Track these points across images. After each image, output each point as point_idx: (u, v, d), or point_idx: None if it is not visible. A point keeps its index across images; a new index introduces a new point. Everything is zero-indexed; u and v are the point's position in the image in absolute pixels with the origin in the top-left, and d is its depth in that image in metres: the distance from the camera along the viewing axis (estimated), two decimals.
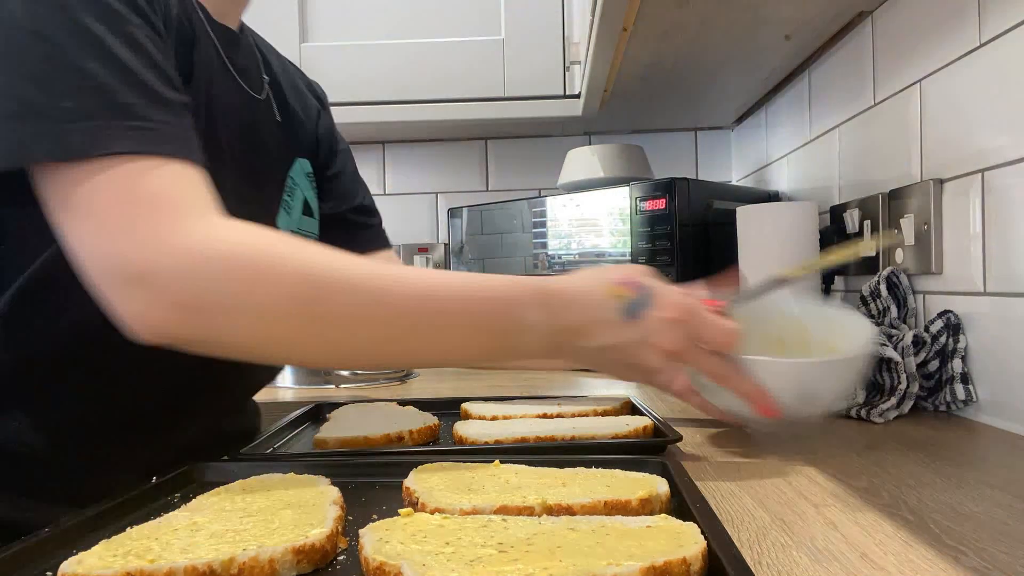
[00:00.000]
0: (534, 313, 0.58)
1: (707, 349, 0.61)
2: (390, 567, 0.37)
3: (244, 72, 0.76)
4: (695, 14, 1.02)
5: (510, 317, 0.58)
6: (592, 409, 0.79)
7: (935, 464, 0.62)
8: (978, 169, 0.78)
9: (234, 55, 0.75)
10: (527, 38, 1.42)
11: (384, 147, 1.82)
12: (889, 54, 0.97)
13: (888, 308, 0.90)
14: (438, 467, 0.55)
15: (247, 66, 0.77)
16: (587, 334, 0.60)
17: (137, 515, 0.50)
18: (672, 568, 0.36)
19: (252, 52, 0.80)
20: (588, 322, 0.60)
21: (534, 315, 0.58)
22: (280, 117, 0.81)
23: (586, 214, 1.33)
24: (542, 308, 0.59)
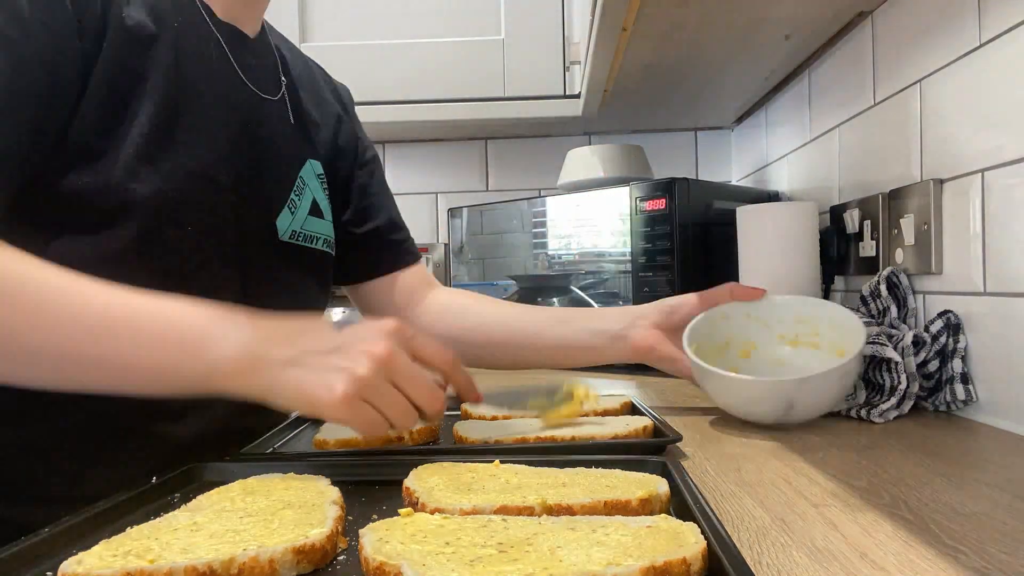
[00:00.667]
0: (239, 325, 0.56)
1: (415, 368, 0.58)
2: (390, 567, 0.37)
3: (252, 72, 0.77)
4: (695, 14, 1.02)
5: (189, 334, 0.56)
6: (593, 409, 0.79)
7: (935, 464, 0.62)
8: (978, 169, 0.78)
9: (242, 57, 0.76)
10: (527, 38, 1.42)
11: (384, 147, 1.82)
12: (889, 54, 0.97)
13: (888, 308, 0.90)
14: (438, 467, 0.55)
15: (259, 67, 0.78)
16: (288, 339, 0.56)
17: (137, 515, 0.50)
18: (672, 568, 0.36)
19: (268, 53, 0.82)
20: (291, 328, 0.57)
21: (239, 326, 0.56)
22: (294, 119, 0.82)
23: (586, 214, 1.33)
24: (248, 323, 0.57)
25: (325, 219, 0.86)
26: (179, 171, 0.67)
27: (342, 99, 0.96)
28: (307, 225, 0.83)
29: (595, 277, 1.32)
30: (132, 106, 0.65)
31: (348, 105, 0.98)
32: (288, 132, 0.81)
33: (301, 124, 0.84)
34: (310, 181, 0.83)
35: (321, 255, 0.85)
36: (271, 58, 0.82)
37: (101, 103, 0.62)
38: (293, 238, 0.80)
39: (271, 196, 0.78)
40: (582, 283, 1.33)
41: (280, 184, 0.79)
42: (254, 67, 0.77)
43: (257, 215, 0.76)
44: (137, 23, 0.65)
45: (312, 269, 0.85)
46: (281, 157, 0.80)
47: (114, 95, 0.63)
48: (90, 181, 0.62)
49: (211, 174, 0.70)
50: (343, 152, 0.92)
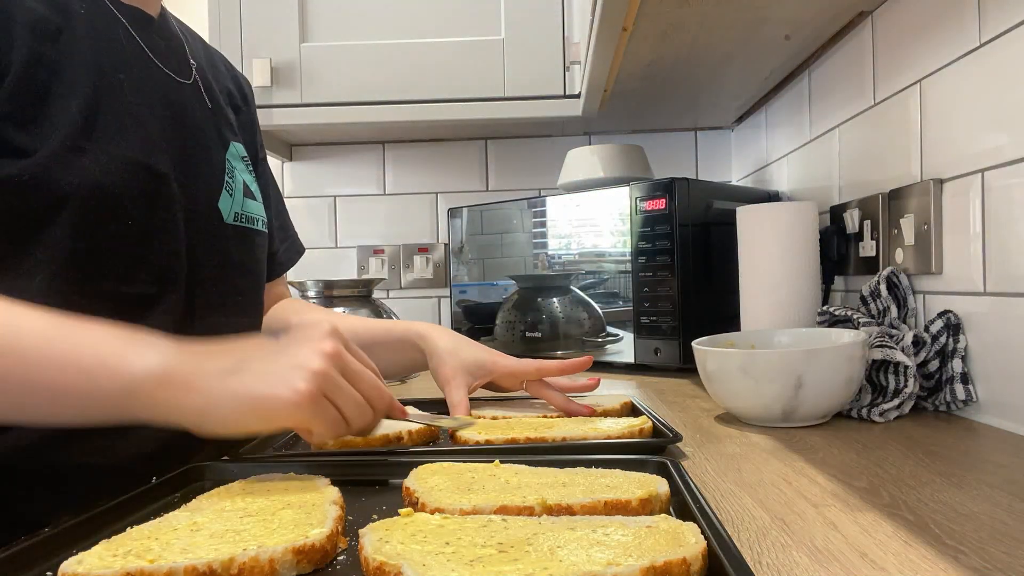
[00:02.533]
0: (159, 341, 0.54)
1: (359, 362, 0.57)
2: (390, 567, 0.37)
3: (164, 55, 0.75)
4: (695, 14, 1.02)
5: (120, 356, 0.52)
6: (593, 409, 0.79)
7: (935, 464, 0.62)
8: (978, 169, 0.78)
9: (150, 40, 0.74)
10: (527, 38, 1.42)
11: (384, 147, 1.82)
12: (889, 54, 0.97)
13: (888, 308, 0.90)
14: (438, 467, 0.55)
15: (168, 49, 0.76)
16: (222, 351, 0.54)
17: (137, 515, 0.50)
18: (672, 568, 0.36)
19: (173, 36, 0.79)
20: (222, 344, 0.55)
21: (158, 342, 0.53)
22: (210, 103, 0.81)
23: (586, 214, 1.33)
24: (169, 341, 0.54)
25: (257, 200, 0.85)
26: (115, 162, 0.64)
27: (242, 89, 0.93)
28: (246, 207, 0.81)
29: (595, 277, 1.32)
30: (52, 98, 0.62)
31: (249, 96, 0.94)
32: (207, 115, 0.79)
33: (217, 107, 0.82)
34: (236, 163, 0.82)
35: (261, 236, 0.85)
36: (177, 40, 0.80)
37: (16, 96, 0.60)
38: (237, 220, 0.79)
39: (208, 180, 0.76)
40: (582, 283, 1.34)
41: (213, 167, 0.77)
42: (163, 50, 0.75)
43: (200, 200, 0.74)
44: (41, 16, 0.63)
45: (255, 250, 0.84)
46: (207, 140, 0.78)
47: (31, 88, 0.61)
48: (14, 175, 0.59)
49: (147, 162, 0.68)
50: (247, 143, 0.89)
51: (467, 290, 1.54)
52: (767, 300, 1.02)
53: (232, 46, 1.42)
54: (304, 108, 1.43)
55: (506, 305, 1.45)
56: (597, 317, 1.31)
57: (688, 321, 1.18)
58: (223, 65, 0.91)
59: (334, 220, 1.82)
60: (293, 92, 1.42)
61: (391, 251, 1.81)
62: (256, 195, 0.85)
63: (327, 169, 1.82)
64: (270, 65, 1.41)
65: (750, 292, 1.05)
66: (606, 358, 1.29)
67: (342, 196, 1.82)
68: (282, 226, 0.98)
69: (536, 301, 1.40)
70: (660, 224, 1.19)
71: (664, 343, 1.20)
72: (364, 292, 1.33)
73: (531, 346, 1.39)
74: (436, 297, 1.82)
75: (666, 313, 1.19)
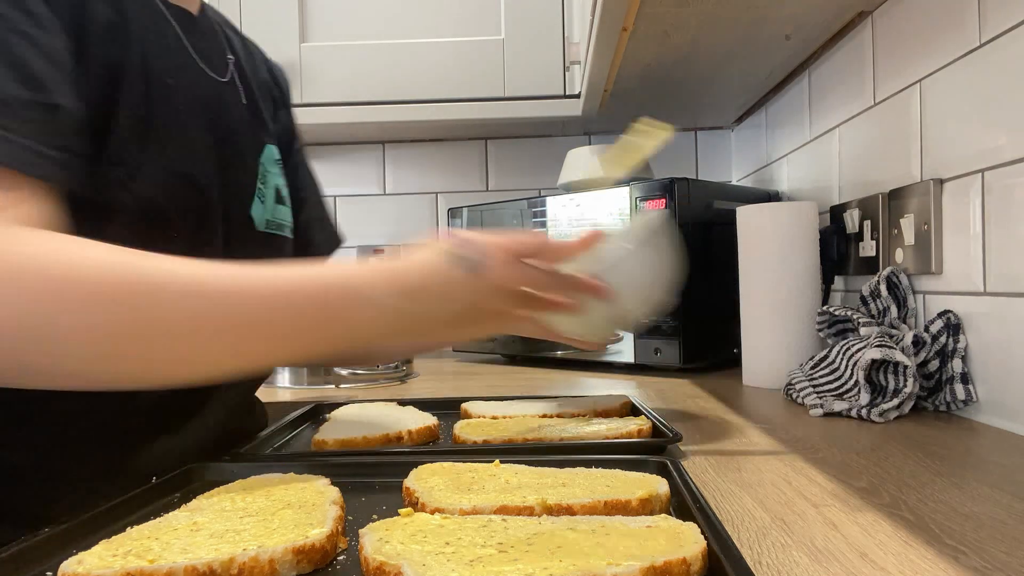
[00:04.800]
0: (388, 297, 0.56)
1: (544, 272, 0.62)
2: (390, 567, 0.37)
3: (206, 55, 0.73)
4: (695, 14, 1.02)
5: (358, 302, 0.55)
6: (592, 409, 0.79)
7: (935, 464, 0.62)
8: (978, 169, 0.78)
9: (195, 39, 0.71)
10: (527, 38, 1.42)
11: (384, 147, 1.82)
12: (889, 54, 0.97)
13: (888, 308, 0.90)
14: (438, 467, 0.55)
15: (209, 49, 0.74)
16: (446, 299, 0.59)
17: (137, 515, 0.50)
18: (672, 568, 0.36)
19: (214, 33, 0.77)
20: (443, 290, 0.58)
21: (388, 299, 0.56)
22: (246, 100, 0.78)
23: (586, 214, 1.33)
24: (393, 290, 0.56)
25: (287, 205, 0.84)
26: (160, 173, 0.63)
27: (278, 81, 0.91)
28: (276, 213, 0.80)
29: None
30: (112, 105, 0.60)
31: (285, 87, 0.92)
32: (244, 116, 0.77)
33: (253, 106, 0.79)
34: (271, 167, 0.80)
35: (289, 242, 0.84)
36: (216, 36, 0.77)
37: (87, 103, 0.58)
38: (269, 227, 0.78)
39: (242, 187, 0.75)
40: None
41: (247, 173, 0.76)
42: (205, 49, 0.73)
43: (235, 209, 0.73)
44: (107, 18, 0.61)
45: (283, 255, 0.82)
46: (243, 144, 0.76)
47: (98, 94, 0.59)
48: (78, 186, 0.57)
49: (191, 173, 0.67)
50: (283, 137, 0.88)
51: None
52: (767, 300, 1.03)
53: None
54: (304, 108, 1.43)
55: None
56: None
57: (688, 321, 1.18)
58: (259, 57, 0.88)
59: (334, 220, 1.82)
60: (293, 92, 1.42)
61: (391, 251, 1.81)
62: (286, 200, 0.83)
63: (327, 169, 1.82)
64: None
65: (750, 292, 1.05)
66: (606, 358, 1.29)
67: (342, 196, 1.82)
68: (321, 218, 0.96)
69: None
70: None
71: (664, 343, 1.20)
72: None
73: (531, 346, 1.39)
74: None
75: (666, 313, 1.19)
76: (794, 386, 0.91)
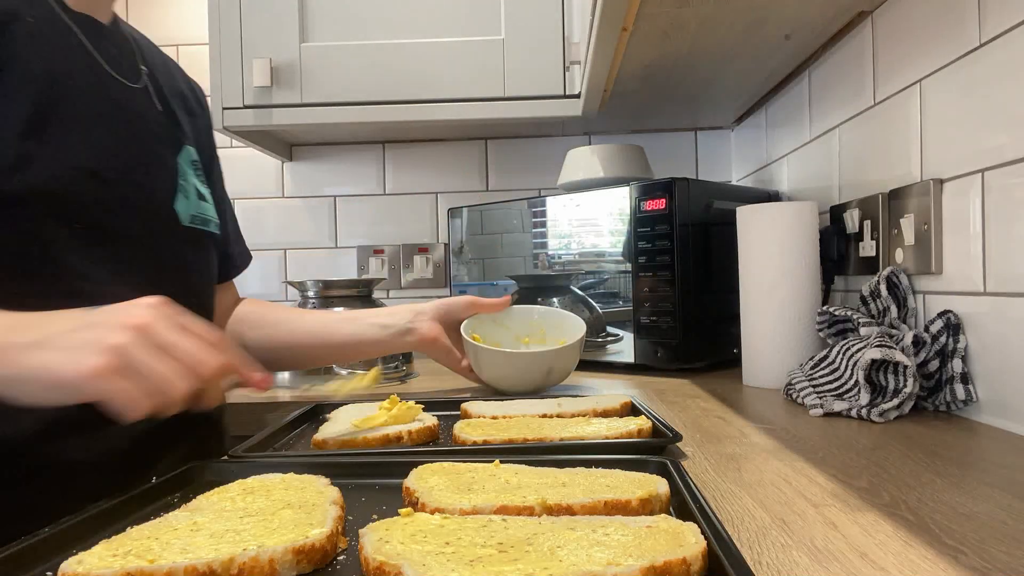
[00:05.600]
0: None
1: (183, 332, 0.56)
2: (390, 567, 0.37)
3: (115, 62, 0.76)
4: (695, 14, 1.02)
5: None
6: (592, 409, 0.79)
7: (935, 464, 0.62)
8: (978, 169, 0.78)
9: (103, 46, 0.75)
10: (527, 38, 1.42)
11: (384, 147, 1.82)
12: (889, 54, 0.97)
13: (888, 308, 0.90)
14: (438, 467, 0.55)
15: (120, 56, 0.77)
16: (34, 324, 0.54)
17: (137, 515, 0.50)
18: (672, 568, 0.36)
19: (124, 40, 0.80)
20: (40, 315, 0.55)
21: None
22: (160, 105, 0.82)
23: (586, 214, 1.33)
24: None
25: (209, 203, 0.86)
26: (59, 167, 0.65)
27: (196, 95, 0.95)
28: (200, 209, 0.83)
29: (595, 277, 1.32)
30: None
31: (203, 100, 0.96)
32: (159, 119, 0.81)
33: (168, 111, 0.83)
34: (187, 167, 0.83)
35: (214, 238, 0.87)
36: (128, 45, 0.81)
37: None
38: (193, 222, 0.81)
39: (163, 183, 0.78)
40: (582, 283, 1.34)
41: (166, 171, 0.79)
42: (115, 56, 0.76)
43: (157, 202, 0.77)
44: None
45: (208, 251, 0.86)
46: (159, 144, 0.79)
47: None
48: None
49: (94, 168, 0.68)
50: (201, 148, 0.91)
51: (467, 290, 1.54)
52: (767, 300, 1.03)
53: (232, 46, 1.42)
54: (304, 108, 1.43)
55: None
56: (597, 317, 1.31)
57: (688, 321, 1.18)
58: (176, 70, 0.93)
59: (334, 220, 1.82)
60: (293, 92, 1.42)
61: (391, 251, 1.81)
62: (207, 198, 0.86)
63: (327, 169, 1.82)
64: (270, 65, 1.41)
65: (750, 292, 1.05)
66: (606, 358, 1.29)
67: (342, 196, 1.82)
68: (236, 230, 1.02)
69: (536, 301, 1.40)
70: (660, 224, 1.19)
71: (664, 343, 1.20)
72: (364, 292, 1.33)
73: None
74: (436, 297, 1.82)
75: (666, 313, 1.19)
76: (794, 386, 0.91)
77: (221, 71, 1.42)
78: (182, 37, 1.82)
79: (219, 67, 1.42)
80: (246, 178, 1.81)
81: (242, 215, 1.81)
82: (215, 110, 1.42)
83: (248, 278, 1.82)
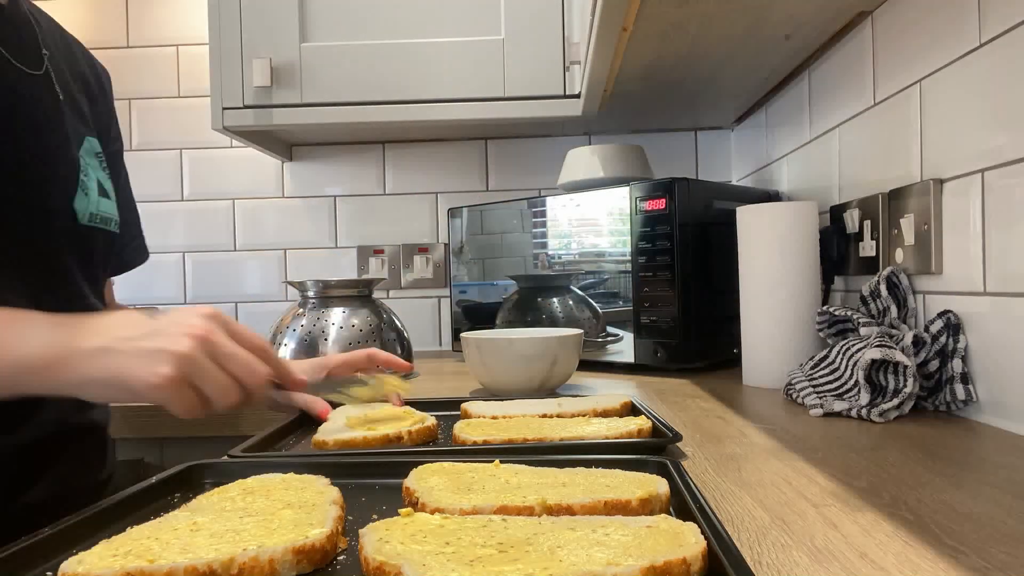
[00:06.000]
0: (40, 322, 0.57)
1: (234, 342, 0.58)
2: (390, 567, 0.37)
3: (10, 45, 0.72)
4: (695, 14, 1.02)
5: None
6: (592, 409, 0.79)
7: (935, 464, 0.62)
8: (978, 169, 0.78)
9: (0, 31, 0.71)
10: (527, 38, 1.42)
11: (384, 147, 1.82)
12: (889, 54, 0.97)
13: (888, 308, 0.90)
14: (438, 467, 0.55)
15: (18, 40, 0.74)
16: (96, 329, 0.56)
17: (137, 515, 0.50)
18: (672, 568, 0.36)
19: (24, 23, 0.77)
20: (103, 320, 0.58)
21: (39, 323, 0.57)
22: (62, 95, 0.78)
23: (586, 214, 1.33)
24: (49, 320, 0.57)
25: (111, 199, 0.83)
26: None
27: (99, 78, 0.90)
28: (101, 207, 0.80)
29: (595, 277, 1.32)
30: None
31: (106, 85, 0.92)
32: (59, 108, 0.77)
33: (70, 99, 0.79)
34: (90, 160, 0.80)
35: (113, 236, 0.84)
36: (29, 28, 0.76)
37: None
38: (92, 221, 0.78)
39: (62, 178, 0.75)
40: (582, 283, 1.34)
41: (67, 165, 0.76)
42: (12, 40, 0.72)
43: (55, 198, 0.74)
44: None
45: (107, 253, 0.84)
46: (58, 135, 0.75)
47: None
48: None
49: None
50: (103, 133, 0.87)
51: (467, 290, 1.54)
52: (767, 300, 1.03)
53: (232, 46, 1.42)
54: (304, 108, 1.43)
55: (506, 305, 1.45)
56: (597, 317, 1.31)
57: (688, 321, 1.18)
58: (80, 52, 0.88)
59: (334, 220, 1.82)
60: (293, 92, 1.42)
61: (391, 251, 1.81)
62: (110, 194, 0.83)
63: (327, 169, 1.82)
64: (270, 65, 1.41)
65: (750, 292, 1.05)
66: (606, 358, 1.29)
67: (342, 196, 1.82)
68: (130, 223, 0.95)
69: (536, 301, 1.40)
70: (660, 224, 1.19)
71: (664, 343, 1.20)
72: (364, 292, 1.33)
73: None
74: (436, 297, 1.82)
75: (666, 313, 1.19)
76: (794, 386, 0.91)
77: (221, 71, 1.42)
78: (182, 37, 1.82)
79: (219, 67, 1.42)
80: (246, 178, 1.81)
81: (242, 215, 1.83)
82: (215, 110, 1.42)
83: (248, 278, 1.83)
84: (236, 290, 1.82)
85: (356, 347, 1.23)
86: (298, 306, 1.31)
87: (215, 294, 1.84)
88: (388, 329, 1.30)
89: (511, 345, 1.00)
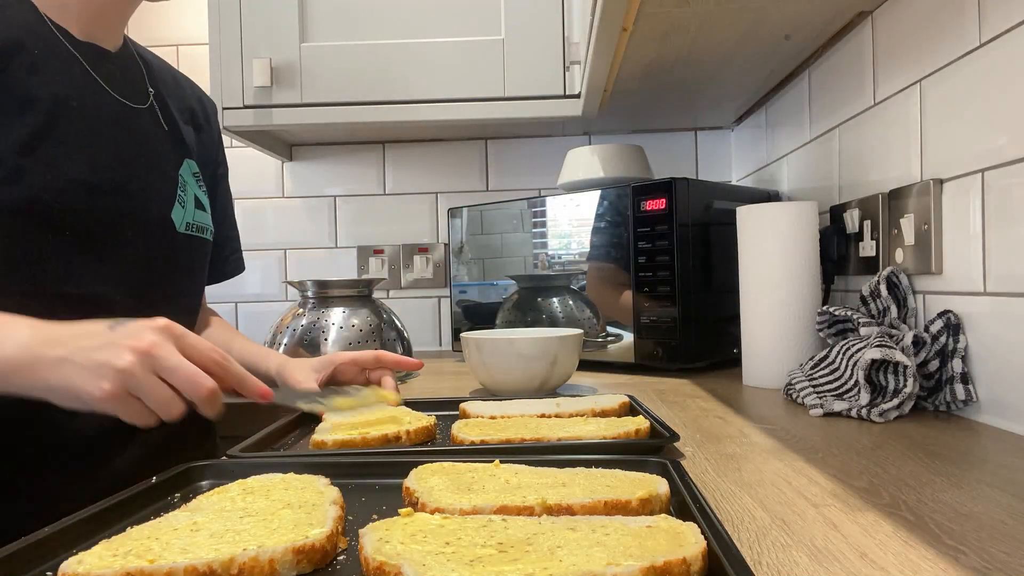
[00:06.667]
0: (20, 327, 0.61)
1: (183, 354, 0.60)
2: (390, 567, 0.37)
3: (118, 84, 0.84)
4: (695, 14, 1.02)
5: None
6: (590, 409, 0.79)
7: (935, 464, 0.62)
8: (978, 169, 0.78)
9: (105, 71, 0.82)
10: (527, 38, 1.42)
11: (384, 147, 1.82)
12: (889, 54, 0.97)
13: (888, 308, 0.90)
14: (438, 467, 0.55)
15: (124, 80, 0.85)
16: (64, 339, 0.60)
17: (137, 515, 0.50)
18: (672, 568, 0.36)
19: (132, 65, 0.88)
20: (72, 329, 0.61)
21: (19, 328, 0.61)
22: (167, 125, 0.90)
23: (586, 214, 1.33)
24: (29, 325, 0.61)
25: (207, 211, 0.95)
26: (52, 180, 0.72)
27: (206, 109, 1.03)
28: (196, 217, 0.91)
29: None
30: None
31: (211, 116, 1.05)
32: (162, 136, 0.89)
33: (173, 128, 0.92)
34: (188, 178, 0.92)
35: (208, 244, 0.96)
36: (136, 70, 0.89)
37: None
38: (188, 229, 0.90)
39: (160, 194, 0.86)
40: (582, 283, 1.34)
41: (165, 183, 0.87)
42: (119, 80, 0.84)
43: (153, 212, 0.84)
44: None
45: (202, 257, 0.94)
46: (160, 159, 0.87)
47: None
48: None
49: (90, 181, 0.76)
50: (205, 160, 0.99)
51: (467, 290, 1.54)
52: (767, 300, 1.03)
53: (232, 46, 1.42)
54: (304, 108, 1.43)
55: (506, 305, 1.45)
56: (597, 317, 1.31)
57: (688, 321, 1.18)
58: (189, 88, 1.01)
59: (334, 220, 1.82)
60: (293, 92, 1.42)
61: (391, 251, 1.81)
62: (206, 207, 0.95)
63: (327, 169, 1.82)
64: (270, 65, 1.41)
65: (750, 292, 1.05)
66: (606, 358, 1.29)
67: (342, 196, 1.82)
68: (231, 238, 1.09)
69: (536, 301, 1.40)
70: (660, 224, 1.19)
71: (664, 343, 1.20)
72: (364, 292, 1.33)
73: None
74: (436, 297, 1.82)
75: (666, 313, 1.19)
76: (794, 386, 0.91)
77: (221, 71, 1.42)
78: (182, 37, 1.82)
79: (219, 67, 1.42)
80: (246, 178, 1.81)
81: (242, 215, 1.82)
82: None
83: (248, 278, 1.82)
84: (236, 290, 1.82)
85: (355, 347, 1.23)
86: (298, 306, 1.31)
87: (215, 294, 1.83)
88: (388, 329, 1.30)
89: (511, 345, 1.00)
